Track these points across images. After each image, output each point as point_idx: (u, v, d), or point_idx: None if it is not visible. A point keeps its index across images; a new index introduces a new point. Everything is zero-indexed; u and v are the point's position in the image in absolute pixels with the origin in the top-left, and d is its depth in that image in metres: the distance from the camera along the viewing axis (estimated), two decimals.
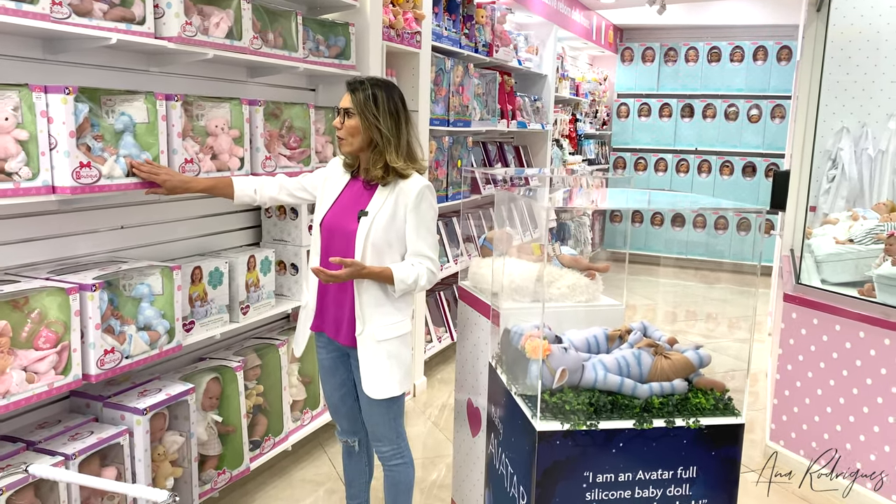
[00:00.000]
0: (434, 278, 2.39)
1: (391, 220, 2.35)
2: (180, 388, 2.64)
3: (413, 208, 2.35)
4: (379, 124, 2.33)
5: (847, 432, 3.35)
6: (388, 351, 2.41)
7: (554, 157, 7.06)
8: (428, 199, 2.37)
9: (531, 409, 1.74)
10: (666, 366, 1.80)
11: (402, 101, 2.42)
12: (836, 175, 5.25)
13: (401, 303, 2.43)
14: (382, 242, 2.35)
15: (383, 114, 2.33)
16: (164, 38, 2.50)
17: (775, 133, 8.56)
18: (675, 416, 1.72)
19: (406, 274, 2.32)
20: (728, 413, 1.77)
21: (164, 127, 2.45)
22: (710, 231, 8.91)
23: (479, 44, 5.14)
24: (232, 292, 2.96)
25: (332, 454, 3.64)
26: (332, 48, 3.47)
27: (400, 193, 2.36)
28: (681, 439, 1.71)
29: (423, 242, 2.37)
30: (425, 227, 2.37)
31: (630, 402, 1.74)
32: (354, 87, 2.36)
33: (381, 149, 2.34)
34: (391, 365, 2.42)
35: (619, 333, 1.98)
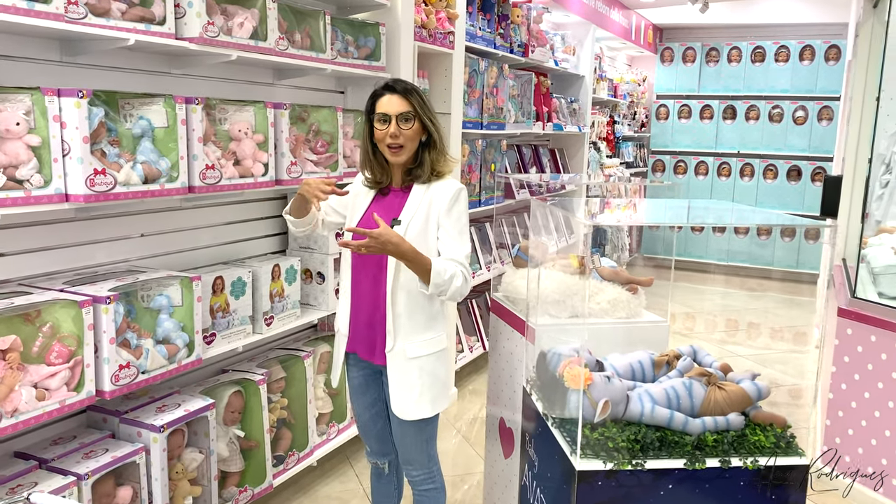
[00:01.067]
0: (467, 286, 2.21)
1: (425, 226, 2.21)
2: (200, 404, 2.53)
3: (446, 211, 2.20)
4: (433, 123, 2.23)
5: None
6: (421, 368, 2.25)
7: (591, 160, 6.86)
8: (462, 201, 2.23)
9: (570, 444, 1.59)
10: (720, 398, 1.62)
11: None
12: (889, 181, 4.97)
13: (436, 316, 2.28)
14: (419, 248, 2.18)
15: (432, 113, 2.25)
16: (185, 39, 2.40)
17: (822, 135, 8.23)
18: (731, 455, 1.55)
19: (443, 267, 2.13)
20: (791, 452, 1.59)
21: (183, 131, 2.35)
22: (752, 237, 8.61)
23: (514, 44, 4.98)
24: (255, 303, 2.85)
25: (359, 470, 3.52)
26: (361, 49, 3.35)
27: (434, 196, 2.22)
28: (737, 481, 1.54)
29: (458, 247, 2.20)
30: (458, 231, 2.21)
31: (681, 438, 1.57)
32: (407, 88, 2.22)
33: (437, 147, 2.24)
34: (423, 384, 2.26)
35: (667, 359, 1.81)
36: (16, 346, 1.96)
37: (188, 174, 2.38)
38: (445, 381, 2.34)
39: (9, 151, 1.96)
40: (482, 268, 4.78)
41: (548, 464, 1.72)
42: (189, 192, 2.40)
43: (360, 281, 2.30)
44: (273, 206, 3.28)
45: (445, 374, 2.34)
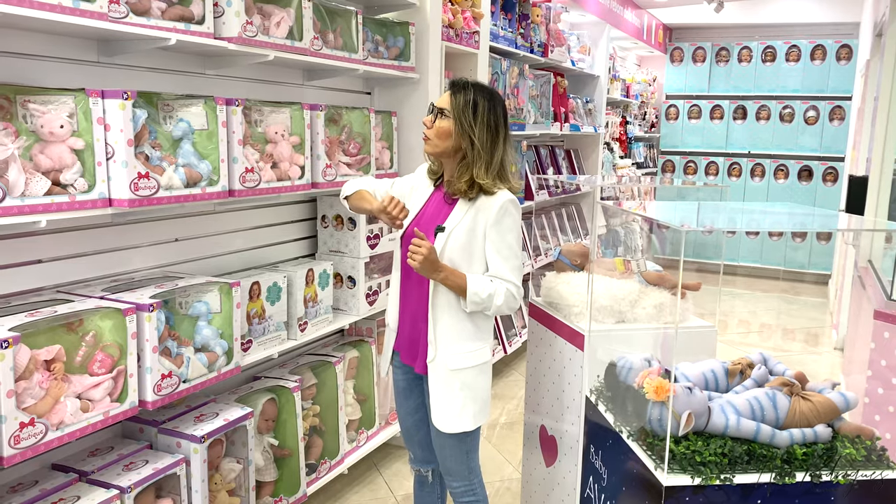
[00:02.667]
0: (514, 304, 2.14)
1: (470, 237, 2.13)
2: (239, 413, 2.47)
3: (494, 224, 2.12)
4: (473, 134, 2.11)
5: None
6: (463, 381, 2.19)
7: (604, 160, 6.81)
8: (511, 214, 2.13)
9: (654, 459, 1.53)
10: (806, 409, 1.56)
11: (505, 115, 2.19)
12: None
13: (480, 328, 2.20)
14: (459, 260, 2.14)
15: (480, 124, 2.11)
16: (224, 39, 2.33)
17: (834, 135, 8.19)
18: (822, 469, 1.49)
19: (481, 287, 2.08)
20: (882, 466, 1.53)
21: (224, 134, 2.29)
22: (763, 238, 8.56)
23: (534, 44, 4.92)
24: (290, 308, 2.79)
25: (388, 477, 3.46)
26: (391, 49, 3.29)
27: (481, 208, 2.13)
28: (828, 496, 1.48)
29: (505, 264, 2.12)
30: (506, 245, 2.13)
31: (769, 452, 1.51)
32: (457, 88, 2.15)
33: (470, 161, 2.13)
34: (465, 397, 2.19)
35: (741, 368, 1.75)
36: (60, 357, 1.89)
37: (228, 177, 2.32)
38: (487, 395, 2.26)
39: (52, 155, 1.89)
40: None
41: (622, 477, 1.66)
42: (230, 195, 2.34)
43: (408, 279, 2.25)
44: (304, 208, 3.22)
45: (487, 387, 2.26)
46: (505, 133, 2.17)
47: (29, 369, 1.78)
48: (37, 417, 1.78)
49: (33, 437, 1.77)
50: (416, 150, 3.52)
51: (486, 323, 2.23)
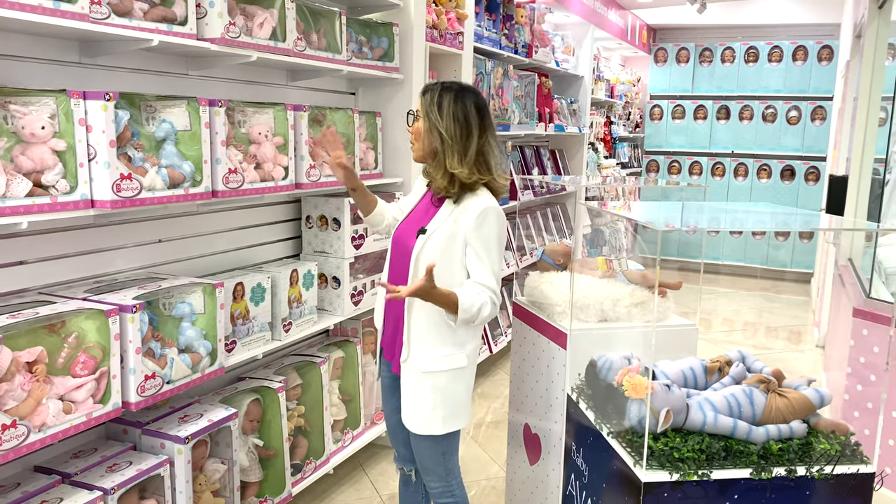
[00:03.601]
0: (495, 311, 2.12)
1: (449, 241, 2.13)
2: (223, 414, 2.47)
3: (473, 230, 2.11)
4: (441, 127, 2.13)
5: None
6: (434, 384, 2.18)
7: (589, 160, 6.85)
8: (490, 221, 2.11)
9: (633, 456, 1.55)
10: (782, 405, 1.59)
11: (479, 106, 2.19)
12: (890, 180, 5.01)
13: (457, 334, 2.18)
14: (439, 263, 2.10)
15: (447, 116, 2.13)
16: (207, 40, 2.33)
17: (816, 135, 8.28)
18: (798, 464, 1.52)
19: (471, 301, 2.06)
20: (856, 460, 1.57)
21: (207, 135, 2.29)
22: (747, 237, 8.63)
23: (518, 45, 4.95)
24: (274, 309, 2.79)
25: (373, 477, 3.46)
26: (375, 50, 3.29)
27: (463, 212, 2.13)
28: (803, 490, 1.51)
29: (484, 270, 2.11)
30: (485, 252, 2.11)
31: (745, 448, 1.54)
32: (425, 89, 2.21)
33: (442, 155, 2.14)
34: (435, 400, 2.18)
35: (719, 365, 1.78)
36: (42, 358, 1.89)
37: (212, 178, 2.32)
38: (462, 401, 2.23)
39: (34, 156, 1.89)
40: None
41: (602, 474, 1.69)
42: (213, 196, 2.34)
43: (394, 279, 2.26)
44: (288, 209, 3.22)
45: (463, 393, 2.23)
46: (480, 123, 2.17)
47: (10, 371, 1.78)
48: (19, 419, 1.78)
49: (15, 438, 1.77)
50: (401, 151, 3.53)
51: (465, 329, 2.19)
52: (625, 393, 1.58)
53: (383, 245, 3.39)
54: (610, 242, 7.52)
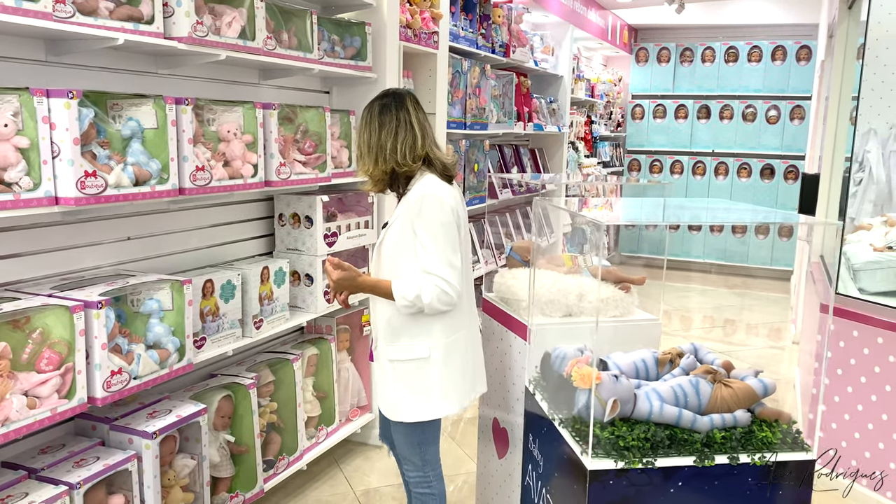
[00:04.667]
0: (447, 297, 2.15)
1: (401, 232, 2.23)
2: (192, 409, 2.49)
3: (415, 217, 2.19)
4: (360, 141, 2.35)
5: (890, 451, 3.18)
6: (399, 373, 2.27)
7: (569, 159, 6.89)
8: (428, 207, 2.16)
9: (580, 444, 1.59)
10: (727, 395, 1.63)
11: (383, 105, 2.33)
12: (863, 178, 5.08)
13: (420, 324, 2.23)
14: (395, 254, 2.24)
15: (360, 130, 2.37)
16: (174, 39, 2.35)
17: (794, 134, 8.37)
18: (740, 452, 1.56)
19: (406, 290, 2.13)
20: (798, 448, 1.61)
21: (174, 133, 2.31)
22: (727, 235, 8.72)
23: (495, 44, 4.98)
24: (245, 306, 2.81)
25: (348, 473, 3.49)
26: (347, 49, 3.32)
27: (407, 200, 2.23)
28: (745, 477, 1.56)
29: (428, 257, 2.15)
30: (430, 238, 2.15)
31: (690, 436, 1.58)
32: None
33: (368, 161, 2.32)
34: (401, 388, 2.27)
35: (670, 357, 1.82)
36: (5, 354, 1.91)
37: (179, 176, 2.34)
38: (428, 392, 2.26)
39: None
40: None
41: (555, 464, 1.72)
42: (180, 193, 2.36)
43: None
44: (260, 207, 3.24)
45: (431, 384, 2.26)
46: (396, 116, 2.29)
47: None
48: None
49: None
50: None
51: (429, 319, 2.23)
52: (573, 383, 1.62)
53: (357, 243, 3.42)
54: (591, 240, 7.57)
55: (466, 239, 2.36)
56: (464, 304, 2.30)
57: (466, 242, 2.36)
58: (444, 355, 2.27)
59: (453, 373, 2.28)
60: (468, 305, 2.35)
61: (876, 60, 4.90)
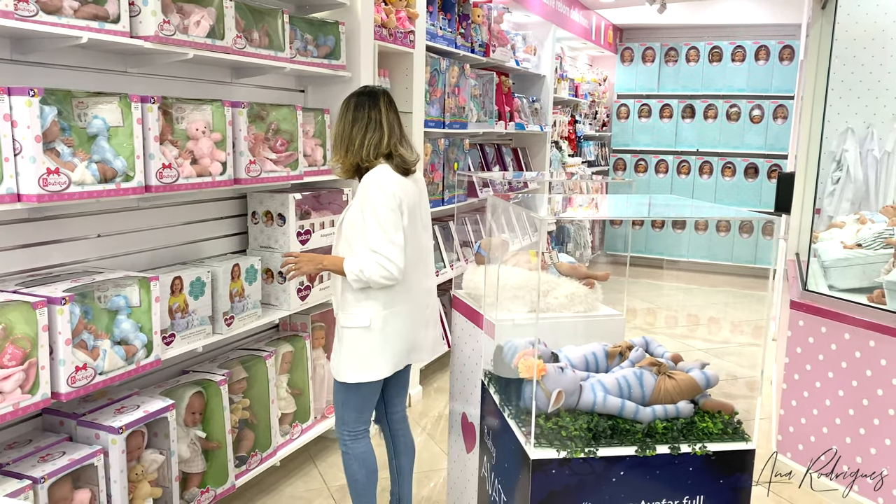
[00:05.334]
0: (387, 272, 2.39)
1: (355, 215, 2.47)
2: (160, 405, 2.51)
3: (363, 202, 2.43)
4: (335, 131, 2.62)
5: (857, 445, 3.22)
6: (344, 337, 2.53)
7: (553, 159, 6.93)
8: (373, 193, 2.42)
9: (525, 434, 1.62)
10: (670, 387, 1.67)
11: (358, 102, 2.57)
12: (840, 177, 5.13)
13: (368, 295, 2.49)
14: (350, 234, 2.49)
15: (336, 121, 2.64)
16: (140, 38, 2.37)
17: (778, 134, 8.43)
18: (681, 442, 1.59)
19: (354, 266, 2.41)
20: (738, 438, 1.64)
21: (139, 130, 2.33)
22: (711, 234, 8.78)
23: (475, 44, 5.02)
24: (215, 303, 2.83)
25: (323, 469, 3.52)
26: (321, 48, 3.35)
27: (359, 188, 2.49)
28: (686, 467, 1.59)
29: (372, 237, 2.40)
30: (373, 220, 2.40)
31: (632, 426, 1.61)
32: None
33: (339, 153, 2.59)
34: (345, 351, 2.53)
35: (620, 350, 1.85)
36: None
37: (144, 173, 2.37)
38: (367, 357, 2.50)
39: None
40: (446, 266, 4.81)
41: (505, 455, 1.75)
42: (146, 191, 2.38)
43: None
44: (232, 205, 3.26)
45: (368, 350, 2.50)
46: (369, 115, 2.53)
47: None
48: None
49: None
50: None
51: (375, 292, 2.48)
52: (520, 374, 1.65)
53: (331, 241, 3.44)
54: (575, 239, 7.61)
55: (426, 226, 2.65)
56: (411, 280, 2.53)
57: (427, 229, 2.65)
58: (384, 327, 2.50)
59: (390, 342, 2.52)
60: (416, 282, 2.57)
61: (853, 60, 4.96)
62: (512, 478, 1.68)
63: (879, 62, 4.85)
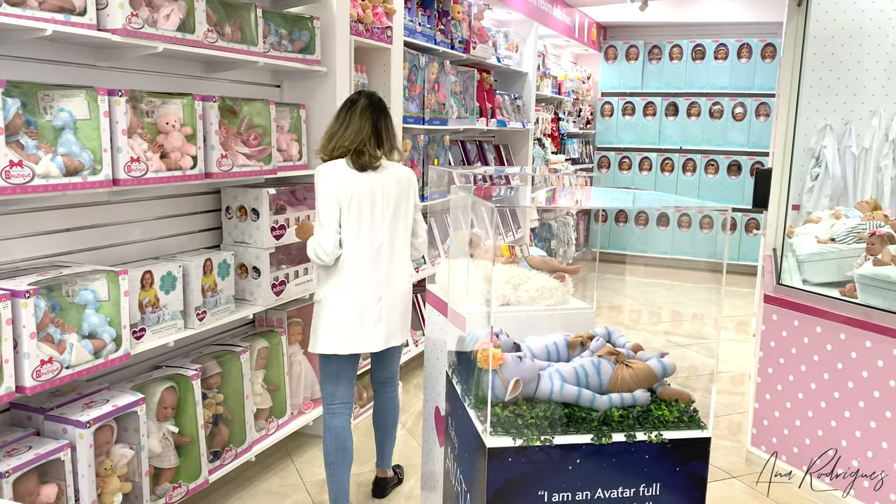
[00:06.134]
0: (314, 252, 2.70)
1: None
2: (129, 399, 2.50)
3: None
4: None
5: (829, 437, 3.25)
6: (314, 311, 2.83)
7: (536, 156, 6.95)
8: (316, 181, 2.75)
9: (482, 423, 1.62)
10: (627, 375, 1.68)
11: (344, 103, 2.87)
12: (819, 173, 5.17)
13: (320, 272, 2.80)
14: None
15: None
16: (108, 31, 2.37)
17: (760, 131, 8.49)
18: (637, 430, 1.60)
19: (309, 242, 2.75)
20: (693, 426, 1.65)
21: (106, 123, 2.32)
22: (694, 230, 8.82)
23: (455, 40, 5.02)
24: (187, 297, 2.83)
25: (300, 465, 3.52)
26: (295, 43, 3.34)
27: None
28: (643, 454, 1.60)
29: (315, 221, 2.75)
30: (316, 206, 2.73)
31: (588, 415, 1.62)
32: None
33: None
34: (313, 324, 2.83)
35: (581, 340, 1.86)
36: None
37: (112, 167, 2.36)
38: (318, 330, 2.79)
39: None
40: (426, 262, 4.82)
41: (465, 445, 1.76)
42: (113, 184, 2.37)
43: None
44: (206, 200, 3.26)
45: (321, 323, 2.78)
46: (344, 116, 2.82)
47: None
48: None
49: None
50: None
51: (326, 271, 2.78)
52: (478, 364, 1.66)
53: None
54: (558, 235, 7.64)
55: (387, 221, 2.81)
56: (360, 270, 2.76)
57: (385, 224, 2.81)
58: (331, 304, 2.76)
59: (339, 322, 2.77)
60: (365, 273, 2.77)
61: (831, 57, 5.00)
62: (471, 467, 1.69)
63: (857, 59, 4.89)
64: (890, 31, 4.79)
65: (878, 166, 4.91)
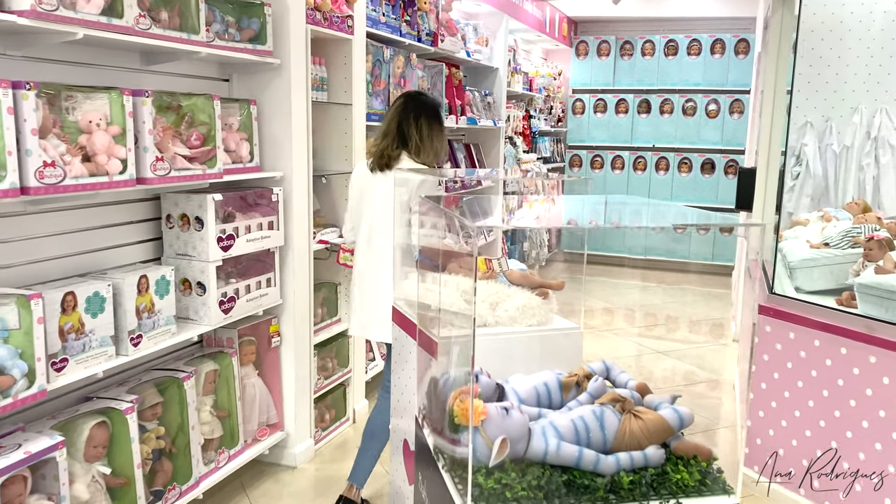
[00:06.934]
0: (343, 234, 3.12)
1: None
2: (46, 443, 2.15)
3: None
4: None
5: (829, 458, 3.01)
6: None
7: (507, 155, 6.67)
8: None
9: (461, 495, 1.32)
10: (636, 429, 1.39)
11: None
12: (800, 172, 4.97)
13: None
14: None
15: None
16: (13, 13, 2.01)
17: (734, 129, 8.32)
18: (652, 498, 1.31)
19: None
20: (718, 490, 1.37)
21: (11, 122, 1.96)
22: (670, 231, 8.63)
23: (422, 32, 4.70)
24: (118, 321, 2.47)
25: (255, 498, 3.18)
26: (244, 31, 3.00)
27: None
28: None
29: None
30: None
31: (591, 481, 1.33)
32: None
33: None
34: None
35: (577, 379, 1.57)
36: None
37: (20, 173, 2.00)
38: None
39: None
40: None
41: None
42: (21, 193, 2.02)
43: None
44: (143, 208, 2.89)
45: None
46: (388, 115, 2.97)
47: None
48: None
49: None
50: (281, 143, 3.25)
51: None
52: (455, 420, 1.36)
53: (261, 246, 3.11)
54: (531, 237, 7.37)
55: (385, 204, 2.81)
56: (364, 250, 2.91)
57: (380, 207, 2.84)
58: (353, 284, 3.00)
59: (352, 300, 3.00)
60: (368, 254, 2.89)
61: (811, 53, 4.78)
62: None
63: (837, 54, 4.70)
64: (871, 26, 4.61)
65: (860, 164, 4.73)
